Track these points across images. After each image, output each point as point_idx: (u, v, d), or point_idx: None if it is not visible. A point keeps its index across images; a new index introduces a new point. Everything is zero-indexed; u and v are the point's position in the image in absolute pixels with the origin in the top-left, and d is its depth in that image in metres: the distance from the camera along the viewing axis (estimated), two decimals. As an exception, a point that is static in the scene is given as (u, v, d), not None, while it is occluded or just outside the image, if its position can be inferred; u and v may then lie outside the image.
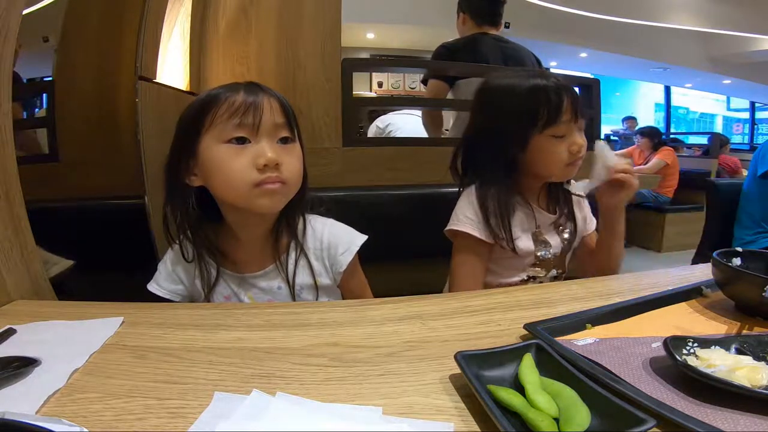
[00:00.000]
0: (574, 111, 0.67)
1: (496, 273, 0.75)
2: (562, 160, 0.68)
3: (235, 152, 0.54)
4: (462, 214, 0.72)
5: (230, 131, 0.53)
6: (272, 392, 0.33)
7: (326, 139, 1.15)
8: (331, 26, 1.16)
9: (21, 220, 0.59)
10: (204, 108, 0.55)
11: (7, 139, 0.58)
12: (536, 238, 0.74)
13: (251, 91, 0.55)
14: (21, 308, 0.52)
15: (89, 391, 0.34)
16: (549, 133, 0.67)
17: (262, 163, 0.53)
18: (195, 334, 0.44)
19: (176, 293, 0.61)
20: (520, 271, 0.74)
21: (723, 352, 0.36)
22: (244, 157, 0.54)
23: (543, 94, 0.66)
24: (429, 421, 0.30)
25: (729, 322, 0.46)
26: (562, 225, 0.77)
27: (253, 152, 0.54)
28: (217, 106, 0.54)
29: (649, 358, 0.37)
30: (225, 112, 0.54)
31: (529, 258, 0.73)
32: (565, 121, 0.66)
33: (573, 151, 0.67)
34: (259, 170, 0.53)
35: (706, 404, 0.31)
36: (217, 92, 0.55)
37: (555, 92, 0.66)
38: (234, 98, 0.54)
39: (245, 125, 0.53)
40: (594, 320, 0.45)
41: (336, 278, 0.65)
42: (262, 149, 0.54)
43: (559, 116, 0.66)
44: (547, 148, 0.68)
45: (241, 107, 0.53)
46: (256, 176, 0.53)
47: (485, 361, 0.35)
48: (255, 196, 0.54)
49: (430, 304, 0.53)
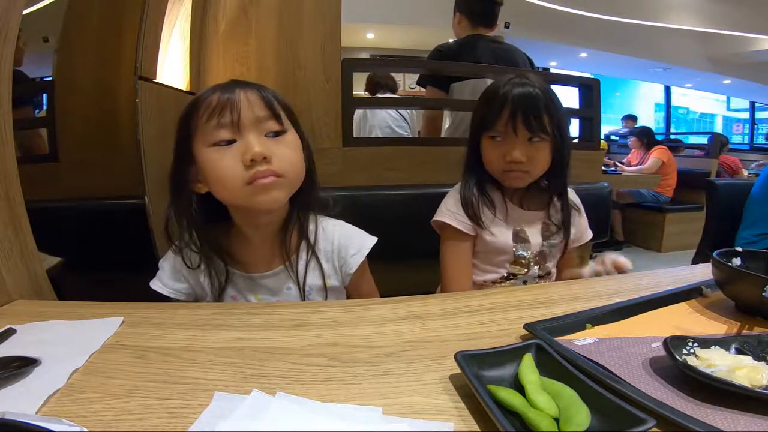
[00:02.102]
0: (513, 121, 0.69)
1: (478, 268, 0.77)
2: (497, 165, 0.73)
3: (221, 153, 0.53)
4: (445, 207, 0.78)
5: (212, 133, 0.53)
6: (272, 392, 0.33)
7: (326, 139, 1.15)
8: (331, 26, 1.16)
9: (21, 220, 0.59)
10: (188, 114, 0.55)
11: (8, 139, 0.58)
12: (516, 234, 0.76)
13: (226, 89, 0.54)
14: (21, 308, 0.52)
15: (89, 391, 0.34)
16: (487, 134, 0.73)
17: (248, 159, 0.52)
18: (195, 334, 0.44)
19: (180, 292, 0.61)
20: (500, 267, 0.76)
21: (723, 352, 0.36)
22: (230, 156, 0.53)
23: (491, 100, 0.71)
24: (429, 421, 0.30)
25: (729, 322, 0.46)
26: (547, 226, 0.78)
27: (239, 149, 0.53)
28: (197, 110, 0.54)
29: (649, 358, 0.37)
30: (204, 115, 0.53)
31: (507, 254, 0.75)
32: (498, 128, 0.71)
33: (507, 160, 0.71)
34: (247, 166, 0.52)
35: (706, 404, 0.31)
36: (198, 96, 0.55)
37: (500, 99, 0.70)
38: (209, 99, 0.53)
39: (224, 124, 0.53)
40: (594, 320, 0.45)
41: (345, 280, 0.65)
42: (247, 145, 0.52)
43: (494, 121, 0.71)
44: (486, 149, 0.74)
45: (216, 107, 0.53)
46: (245, 173, 0.52)
47: (485, 361, 0.35)
48: (250, 193, 0.53)
49: (429, 304, 0.53)
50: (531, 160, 0.70)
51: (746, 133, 7.24)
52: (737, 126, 7.60)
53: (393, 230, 0.83)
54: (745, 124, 7.35)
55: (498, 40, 1.45)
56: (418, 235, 0.79)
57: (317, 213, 0.64)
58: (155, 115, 0.92)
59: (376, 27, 4.15)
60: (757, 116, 7.08)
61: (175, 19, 1.10)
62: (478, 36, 1.40)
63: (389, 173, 1.17)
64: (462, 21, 1.43)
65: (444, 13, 1.66)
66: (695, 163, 3.58)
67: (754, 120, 7.11)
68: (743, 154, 4.80)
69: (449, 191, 0.80)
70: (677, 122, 7.29)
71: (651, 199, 3.17)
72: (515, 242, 0.75)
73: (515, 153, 0.69)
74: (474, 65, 1.32)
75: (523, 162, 0.70)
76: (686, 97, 7.32)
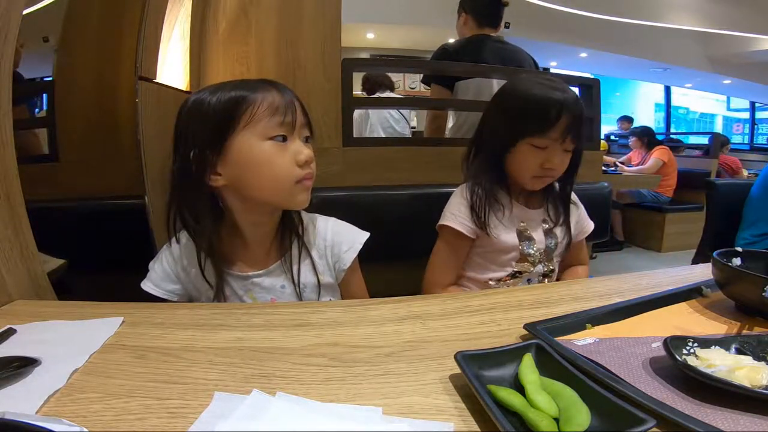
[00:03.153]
0: (565, 132, 0.68)
1: (484, 267, 0.78)
2: (532, 171, 0.72)
3: (278, 149, 0.55)
4: (449, 211, 0.77)
5: (273, 128, 0.55)
6: (272, 392, 0.33)
7: (326, 140, 1.15)
8: (330, 26, 1.16)
9: (21, 220, 0.59)
10: (237, 106, 0.54)
11: (8, 140, 0.58)
12: (521, 233, 0.76)
13: (282, 90, 0.57)
14: (21, 308, 0.52)
15: (89, 391, 0.34)
16: (531, 142, 0.70)
17: (303, 160, 0.56)
18: (195, 334, 0.44)
19: (173, 293, 0.61)
20: (506, 265, 0.76)
21: (723, 352, 0.36)
22: (287, 155, 0.56)
23: (543, 105, 0.68)
24: (429, 421, 0.30)
25: (729, 322, 0.46)
26: (549, 224, 0.79)
27: (292, 150, 0.56)
28: (253, 104, 0.54)
29: (649, 358, 0.37)
30: (266, 110, 0.55)
31: (514, 252, 0.76)
32: (552, 137, 0.69)
33: (545, 167, 0.71)
34: (299, 167, 0.56)
35: (706, 404, 0.31)
36: (246, 92, 0.55)
37: (556, 107, 0.67)
38: (272, 97, 0.55)
39: (286, 124, 0.55)
40: (594, 320, 0.45)
41: (338, 276, 0.65)
42: (299, 147, 0.57)
43: (547, 130, 0.68)
44: (524, 155, 0.71)
45: (281, 106, 0.55)
46: (299, 173, 0.56)
47: (485, 361, 0.35)
48: (296, 192, 0.57)
49: (430, 304, 0.53)
50: (562, 166, 0.72)
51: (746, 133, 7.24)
52: (737, 126, 7.60)
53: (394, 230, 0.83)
54: (746, 124, 7.35)
55: (503, 40, 1.45)
56: (420, 234, 0.79)
57: (309, 211, 0.65)
58: (155, 115, 0.92)
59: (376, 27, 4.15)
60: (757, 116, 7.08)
61: (175, 19, 1.10)
62: (484, 36, 1.42)
63: (390, 173, 1.17)
64: (468, 21, 1.45)
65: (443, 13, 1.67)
66: (695, 163, 3.57)
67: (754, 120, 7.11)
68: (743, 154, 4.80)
69: (454, 193, 0.79)
70: (677, 122, 7.29)
71: (651, 199, 3.17)
72: (521, 240, 0.76)
73: (556, 160, 0.70)
74: (477, 65, 1.32)
75: (558, 168, 0.71)
76: (686, 97, 7.31)
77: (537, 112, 0.68)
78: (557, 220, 0.78)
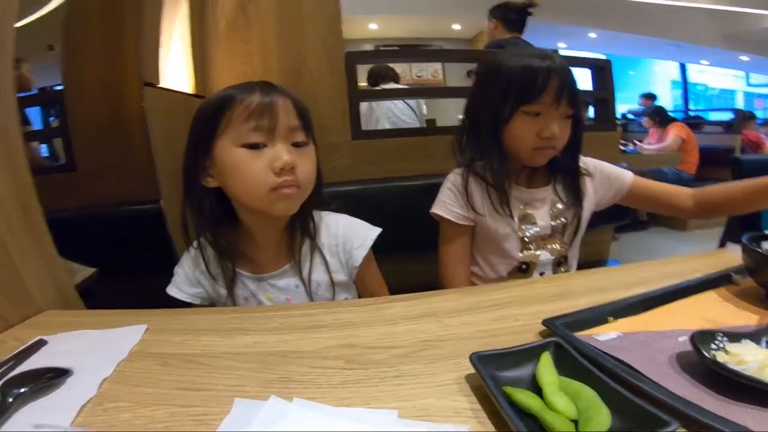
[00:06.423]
0: (557, 95, 0.65)
1: (487, 261, 0.75)
2: (530, 142, 0.68)
3: (251, 155, 0.53)
4: (439, 198, 0.76)
5: (246, 134, 0.53)
6: (289, 397, 0.33)
7: (334, 134, 1.14)
8: (331, 19, 1.14)
9: (41, 231, 0.60)
10: (219, 109, 0.54)
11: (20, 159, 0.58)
12: (522, 217, 0.73)
13: (266, 92, 0.54)
14: (50, 319, 0.54)
15: (118, 400, 0.35)
16: (524, 110, 0.67)
17: (278, 167, 0.53)
18: (215, 340, 0.45)
19: (197, 296, 0.62)
20: (509, 256, 0.73)
21: (754, 346, 0.34)
22: (261, 161, 0.53)
23: (530, 72, 0.65)
24: (444, 424, 0.30)
25: (761, 312, 0.44)
26: (554, 203, 0.74)
27: (269, 155, 0.53)
28: (231, 107, 0.53)
29: (675, 353, 0.36)
30: (241, 114, 0.53)
31: (515, 239, 0.72)
32: (544, 101, 0.66)
33: (543, 136, 0.67)
34: (275, 174, 0.53)
35: (736, 403, 0.30)
36: (232, 93, 0.55)
37: (544, 72, 0.65)
38: (249, 99, 0.53)
39: (261, 128, 0.53)
40: (616, 313, 0.44)
41: (352, 273, 0.65)
42: (278, 152, 0.53)
43: (536, 94, 0.65)
44: (520, 125, 0.68)
45: (256, 109, 0.53)
46: (273, 180, 0.53)
47: (501, 361, 0.34)
48: (272, 200, 0.55)
49: (445, 300, 0.53)
50: (562, 135, 0.68)
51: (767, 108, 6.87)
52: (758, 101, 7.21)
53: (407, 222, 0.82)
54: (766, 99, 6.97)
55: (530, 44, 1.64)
56: (432, 225, 0.78)
57: (320, 209, 0.65)
58: (163, 119, 0.93)
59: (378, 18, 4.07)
60: (777, 92, 6.70)
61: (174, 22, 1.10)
62: (518, 38, 1.69)
63: (400, 164, 1.16)
64: (498, 26, 1.73)
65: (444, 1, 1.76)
66: (717, 140, 3.43)
67: (775, 95, 6.72)
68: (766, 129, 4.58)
69: (445, 179, 0.77)
70: (696, 99, 6.96)
71: (673, 177, 3.06)
72: (522, 223, 0.73)
73: (553, 127, 0.66)
74: None
75: (558, 138, 0.67)
76: (704, 74, 6.97)
77: (526, 77, 0.66)
78: (568, 198, 0.74)
